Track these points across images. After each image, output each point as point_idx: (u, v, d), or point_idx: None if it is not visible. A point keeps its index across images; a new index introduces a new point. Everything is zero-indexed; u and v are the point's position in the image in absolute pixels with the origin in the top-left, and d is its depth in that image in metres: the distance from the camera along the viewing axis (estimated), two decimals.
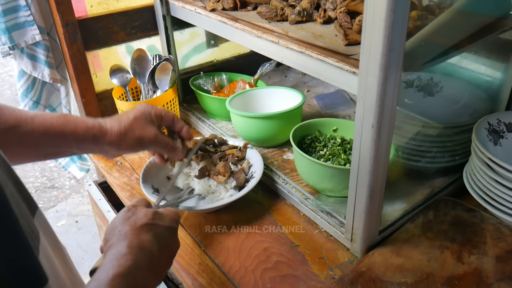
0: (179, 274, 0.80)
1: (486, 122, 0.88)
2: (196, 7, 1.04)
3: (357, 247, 0.78)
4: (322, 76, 0.75)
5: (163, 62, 1.13)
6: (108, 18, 1.14)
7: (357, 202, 0.73)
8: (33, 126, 0.68)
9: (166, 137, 0.84)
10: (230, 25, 0.93)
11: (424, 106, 1.05)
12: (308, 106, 1.30)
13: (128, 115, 0.80)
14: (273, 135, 1.04)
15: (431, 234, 0.80)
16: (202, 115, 1.25)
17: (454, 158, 0.93)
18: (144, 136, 0.80)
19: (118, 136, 0.77)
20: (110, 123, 0.78)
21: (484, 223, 0.81)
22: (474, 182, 0.85)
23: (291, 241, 0.83)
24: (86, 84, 1.15)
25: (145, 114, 0.81)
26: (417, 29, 0.69)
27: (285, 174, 0.97)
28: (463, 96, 1.02)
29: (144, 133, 0.80)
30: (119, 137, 0.77)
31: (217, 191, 0.90)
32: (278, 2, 0.92)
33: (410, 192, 0.90)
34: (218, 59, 1.42)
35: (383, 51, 0.58)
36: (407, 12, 0.57)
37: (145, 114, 0.81)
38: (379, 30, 0.57)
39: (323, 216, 0.85)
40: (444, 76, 1.07)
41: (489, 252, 0.75)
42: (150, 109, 0.83)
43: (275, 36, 0.82)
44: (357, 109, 0.65)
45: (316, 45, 0.75)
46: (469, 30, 0.76)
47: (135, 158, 1.11)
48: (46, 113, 0.72)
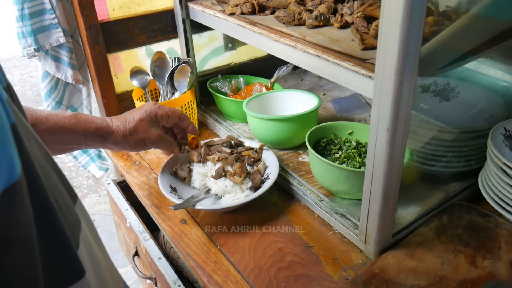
0: (194, 272, 0.81)
1: (502, 128, 0.88)
2: (215, 11, 1.06)
3: (370, 249, 0.78)
4: (338, 80, 0.76)
5: (181, 65, 1.15)
6: (129, 21, 1.17)
7: (371, 204, 0.74)
8: (48, 125, 0.74)
9: (168, 138, 0.90)
10: (248, 29, 0.95)
11: (440, 111, 1.05)
12: (324, 110, 1.31)
13: (133, 116, 0.85)
14: (289, 137, 1.06)
15: (445, 238, 0.80)
16: (219, 117, 1.27)
17: (470, 163, 0.93)
18: (146, 138, 0.86)
19: (122, 137, 0.83)
20: (116, 123, 0.84)
21: (499, 228, 0.81)
22: (489, 187, 0.85)
23: (305, 241, 0.84)
24: (107, 85, 1.18)
25: (150, 116, 0.86)
26: (433, 34, 0.70)
27: (300, 176, 0.99)
28: (480, 101, 1.02)
29: (147, 135, 0.86)
30: (124, 138, 0.84)
31: (233, 192, 0.91)
32: (295, 7, 0.93)
33: (425, 196, 0.90)
34: (235, 62, 1.44)
35: (398, 56, 0.59)
36: (423, 18, 0.58)
37: (150, 115, 0.86)
38: (395, 36, 0.58)
39: (337, 218, 0.86)
40: (461, 81, 1.07)
41: (503, 257, 0.76)
42: (156, 110, 0.87)
43: (292, 40, 0.84)
44: (373, 113, 0.66)
45: (333, 49, 0.77)
46: (486, 35, 0.77)
47: (153, 158, 1.13)
48: (58, 113, 0.78)
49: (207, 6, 1.10)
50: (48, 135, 0.74)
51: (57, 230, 0.31)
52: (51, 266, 0.30)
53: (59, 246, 0.31)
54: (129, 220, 1.07)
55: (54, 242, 0.30)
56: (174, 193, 0.92)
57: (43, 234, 0.29)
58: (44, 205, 0.29)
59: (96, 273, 0.36)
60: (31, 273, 0.28)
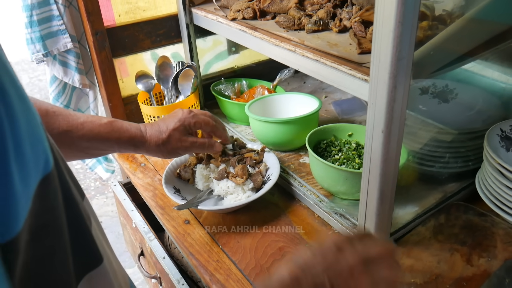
0: (197, 270, 0.84)
1: (498, 129, 0.89)
2: (218, 16, 1.09)
3: None
4: (336, 83, 0.78)
5: (185, 69, 1.18)
6: (135, 26, 1.20)
7: (368, 204, 0.76)
8: (83, 132, 0.75)
9: (201, 140, 0.90)
10: (250, 34, 0.97)
11: (439, 112, 1.07)
12: (326, 112, 1.33)
13: (167, 125, 0.86)
14: (290, 139, 1.08)
15: (441, 237, 0.82)
16: (223, 119, 1.30)
17: (467, 164, 0.95)
18: (179, 147, 0.87)
19: (155, 147, 0.85)
20: (150, 132, 0.85)
21: (495, 227, 0.83)
22: (486, 187, 0.86)
23: (306, 241, 0.86)
24: (113, 89, 1.21)
25: (184, 125, 0.87)
26: (427, 38, 0.72)
27: (301, 177, 1.01)
28: (477, 102, 1.04)
29: (180, 144, 0.86)
30: (157, 147, 0.85)
31: (235, 192, 0.94)
32: (295, 12, 0.96)
33: (423, 196, 0.92)
34: (238, 66, 1.47)
35: (392, 60, 0.61)
36: (415, 23, 0.60)
37: (184, 124, 0.87)
38: (388, 41, 0.60)
39: (336, 218, 0.88)
40: (459, 83, 1.09)
41: (498, 255, 0.77)
42: (190, 120, 0.88)
43: (292, 44, 0.86)
44: (368, 115, 0.69)
45: (331, 54, 0.79)
46: (480, 39, 0.78)
47: (158, 160, 1.16)
48: (94, 119, 0.79)
49: (210, 12, 1.12)
50: (83, 141, 0.76)
51: (80, 219, 0.34)
52: (77, 251, 0.33)
53: (81, 234, 0.35)
54: (135, 221, 1.09)
55: (78, 230, 0.34)
56: (178, 194, 0.95)
57: (70, 222, 0.32)
58: (69, 196, 0.33)
59: (109, 264, 0.39)
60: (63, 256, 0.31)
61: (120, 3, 1.22)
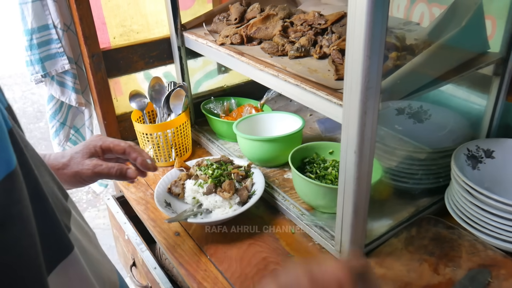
0: (186, 279, 0.90)
1: (465, 148, 0.97)
2: (208, 40, 1.16)
3: (344, 258, 0.87)
4: (314, 107, 0.85)
5: (177, 89, 1.25)
6: (129, 49, 1.27)
7: (344, 218, 0.83)
8: None
9: (107, 164, 0.81)
10: (237, 58, 1.05)
11: (414, 131, 1.15)
12: (310, 129, 1.40)
13: (72, 150, 0.81)
14: (274, 156, 1.15)
15: (412, 248, 0.89)
16: (212, 136, 1.36)
17: (438, 180, 1.02)
18: (81, 171, 0.78)
19: (56, 170, 0.78)
20: (53, 157, 0.79)
21: (461, 240, 0.90)
22: (453, 203, 0.94)
23: (288, 252, 0.93)
24: (107, 107, 1.27)
25: (88, 147, 0.81)
26: (396, 67, 0.80)
27: (284, 192, 1.08)
28: (449, 123, 1.12)
29: (81, 168, 0.79)
30: (57, 172, 0.78)
31: (223, 206, 1.00)
32: (279, 39, 1.03)
33: (397, 210, 0.99)
34: (228, 85, 1.54)
35: (362, 89, 0.68)
36: (381, 57, 0.67)
37: (88, 147, 0.81)
38: (358, 72, 0.67)
39: (316, 230, 0.95)
40: (433, 105, 1.17)
41: (463, 265, 0.84)
42: (97, 142, 0.83)
43: (275, 70, 0.94)
44: (342, 137, 0.76)
45: (310, 80, 0.86)
46: (446, 66, 0.86)
47: (150, 175, 1.22)
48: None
49: (200, 36, 1.20)
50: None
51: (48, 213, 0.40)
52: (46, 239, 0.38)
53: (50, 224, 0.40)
54: (127, 233, 1.15)
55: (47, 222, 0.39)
56: (169, 208, 1.01)
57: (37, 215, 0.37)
58: (37, 191, 0.38)
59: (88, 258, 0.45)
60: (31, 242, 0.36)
61: (115, 26, 1.29)
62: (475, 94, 1.09)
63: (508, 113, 1.04)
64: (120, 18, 1.29)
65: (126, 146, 0.84)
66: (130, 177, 0.83)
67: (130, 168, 0.84)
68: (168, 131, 1.21)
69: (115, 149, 0.83)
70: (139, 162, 0.84)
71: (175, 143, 1.24)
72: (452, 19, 0.94)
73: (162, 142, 1.22)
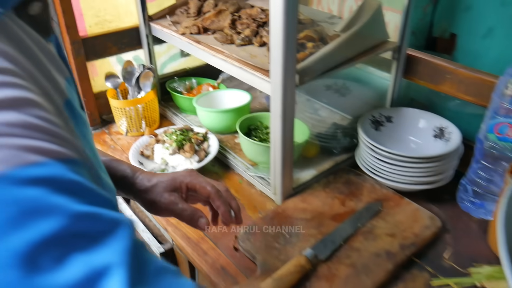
0: (158, 222, 1.16)
1: (370, 115, 1.27)
2: (171, 30, 1.40)
3: (277, 198, 1.16)
4: (254, 85, 1.12)
5: (146, 71, 1.49)
6: (104, 36, 1.50)
7: (275, 168, 1.11)
8: None
9: (183, 205, 0.77)
10: (195, 46, 1.30)
11: (338, 103, 1.44)
12: (259, 104, 1.67)
13: (159, 177, 0.80)
14: (227, 125, 1.42)
15: (328, 189, 1.18)
16: (176, 110, 1.62)
17: (353, 140, 1.32)
18: (158, 203, 0.77)
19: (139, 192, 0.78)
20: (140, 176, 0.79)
21: (365, 183, 1.20)
22: (361, 156, 1.24)
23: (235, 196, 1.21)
24: (86, 86, 1.50)
25: (174, 181, 0.79)
26: (311, 54, 1.07)
27: (235, 152, 1.35)
28: (364, 96, 1.41)
29: (159, 199, 0.77)
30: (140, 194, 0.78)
31: (185, 164, 1.27)
32: (228, 30, 1.29)
33: (320, 163, 1.28)
34: (189, 67, 1.79)
35: (282, 71, 0.95)
36: (294, 47, 0.94)
37: (175, 180, 0.79)
38: (279, 58, 0.94)
39: (258, 180, 1.23)
40: (353, 82, 1.46)
41: (363, 199, 1.14)
42: (184, 178, 0.80)
43: (224, 56, 1.19)
44: (271, 106, 1.03)
45: (249, 64, 1.13)
46: (351, 53, 1.15)
47: (125, 143, 1.47)
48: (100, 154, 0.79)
49: (165, 26, 1.44)
50: None
51: None
52: None
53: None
54: None
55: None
56: (142, 166, 1.27)
57: None
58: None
59: None
60: None
61: (90, 16, 1.50)
62: (384, 73, 1.38)
63: (405, 88, 1.35)
64: (95, 10, 1.50)
65: (212, 191, 0.80)
66: (200, 227, 0.78)
67: (202, 217, 0.78)
68: (139, 106, 1.46)
69: (200, 191, 0.80)
70: (221, 212, 0.80)
71: (145, 116, 1.49)
72: (360, 15, 1.22)
73: (134, 115, 1.46)
